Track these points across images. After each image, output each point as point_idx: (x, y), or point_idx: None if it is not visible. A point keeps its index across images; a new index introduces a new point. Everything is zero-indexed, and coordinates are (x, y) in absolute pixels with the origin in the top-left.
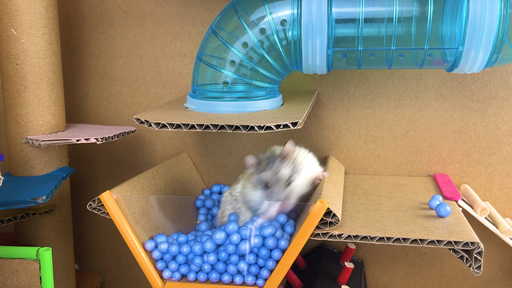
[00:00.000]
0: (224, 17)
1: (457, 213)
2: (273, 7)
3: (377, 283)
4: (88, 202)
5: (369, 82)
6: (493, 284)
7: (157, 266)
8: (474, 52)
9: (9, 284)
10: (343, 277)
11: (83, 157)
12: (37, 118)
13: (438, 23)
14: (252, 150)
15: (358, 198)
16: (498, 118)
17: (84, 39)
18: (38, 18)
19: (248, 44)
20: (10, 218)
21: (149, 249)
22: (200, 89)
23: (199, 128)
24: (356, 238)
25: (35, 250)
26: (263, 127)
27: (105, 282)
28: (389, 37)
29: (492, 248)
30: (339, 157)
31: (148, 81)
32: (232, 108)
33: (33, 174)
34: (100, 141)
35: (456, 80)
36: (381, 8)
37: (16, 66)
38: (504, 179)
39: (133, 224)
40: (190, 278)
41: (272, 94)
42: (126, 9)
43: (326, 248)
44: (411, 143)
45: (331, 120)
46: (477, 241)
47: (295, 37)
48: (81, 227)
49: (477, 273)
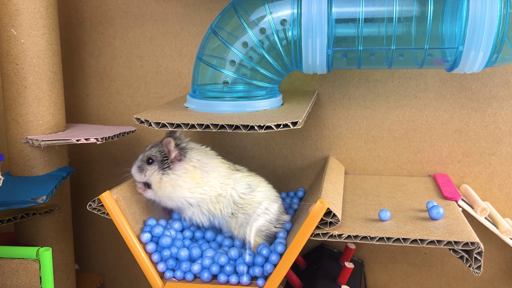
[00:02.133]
0: (224, 17)
1: (457, 213)
2: (273, 7)
3: (377, 283)
4: (88, 202)
5: (369, 82)
6: (493, 284)
7: (158, 267)
8: (474, 52)
9: (9, 284)
10: (343, 277)
11: (83, 157)
12: (37, 118)
13: (438, 23)
14: (252, 150)
15: (358, 198)
16: (498, 118)
17: (84, 39)
18: (38, 18)
19: (248, 44)
20: (10, 218)
21: (144, 241)
22: (200, 89)
23: (199, 128)
24: (356, 238)
25: (35, 250)
26: (263, 126)
27: (105, 282)
28: (389, 37)
29: (492, 248)
30: (339, 157)
31: (148, 81)
32: (232, 107)
33: (33, 174)
34: (100, 141)
35: (456, 80)
36: (381, 8)
37: (16, 66)
38: (504, 179)
39: (133, 224)
40: (190, 278)
41: (272, 94)
42: (126, 9)
43: (326, 248)
44: (411, 143)
45: (331, 120)
46: (477, 241)
47: (295, 37)
48: (81, 227)
49: (477, 273)
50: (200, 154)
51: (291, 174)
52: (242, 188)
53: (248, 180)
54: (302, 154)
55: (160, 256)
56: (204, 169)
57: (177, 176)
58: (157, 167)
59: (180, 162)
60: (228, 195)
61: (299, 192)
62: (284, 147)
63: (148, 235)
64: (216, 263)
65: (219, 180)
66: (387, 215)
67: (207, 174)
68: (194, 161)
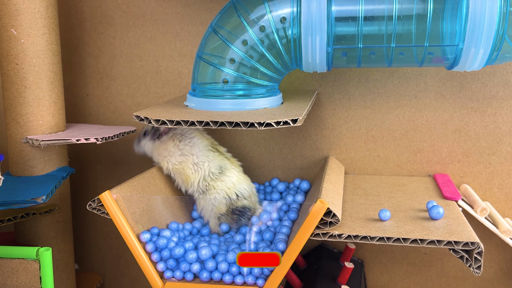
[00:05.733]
0: (224, 16)
1: (457, 213)
2: (272, 5)
3: (377, 283)
4: (88, 202)
5: (369, 82)
6: (493, 284)
7: (158, 267)
8: (474, 49)
9: (9, 284)
10: (343, 277)
11: (83, 157)
12: (37, 118)
13: (438, 21)
14: (252, 150)
15: (358, 198)
16: (498, 118)
17: (84, 39)
18: (38, 18)
19: (248, 42)
20: (10, 218)
21: (144, 240)
22: (200, 87)
23: (199, 125)
24: (356, 238)
25: (35, 250)
26: (263, 123)
27: (105, 282)
28: (389, 35)
29: (492, 248)
30: (339, 157)
31: (148, 81)
32: (232, 106)
33: (33, 174)
34: (100, 141)
35: (456, 80)
36: (381, 6)
37: (16, 66)
38: (504, 179)
39: (133, 224)
40: (190, 278)
41: (272, 92)
42: (126, 9)
43: (326, 248)
44: (411, 143)
45: (331, 120)
46: (477, 241)
47: (295, 35)
48: (81, 227)
49: (477, 273)
50: (188, 132)
51: (291, 174)
52: (213, 168)
53: (222, 163)
54: (302, 154)
55: (159, 256)
56: (186, 141)
57: (162, 143)
58: (149, 137)
59: (167, 134)
60: (204, 167)
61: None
62: (284, 147)
63: (148, 235)
64: (217, 263)
65: (199, 150)
66: (387, 215)
67: (188, 145)
68: (178, 135)
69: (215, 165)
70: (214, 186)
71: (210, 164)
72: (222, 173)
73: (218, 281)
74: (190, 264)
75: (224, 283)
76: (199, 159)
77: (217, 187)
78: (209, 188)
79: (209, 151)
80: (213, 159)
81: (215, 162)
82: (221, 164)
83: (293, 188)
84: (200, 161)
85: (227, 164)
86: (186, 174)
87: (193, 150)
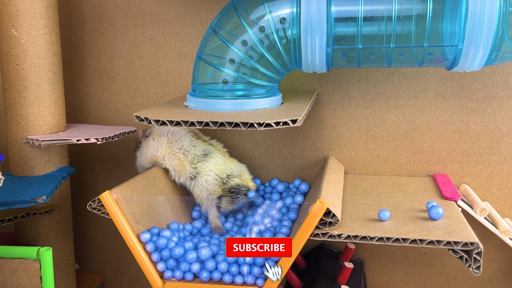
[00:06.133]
0: (224, 16)
1: (457, 213)
2: (272, 5)
3: (377, 283)
4: (88, 202)
5: (369, 82)
6: (493, 284)
7: (158, 267)
8: (473, 50)
9: (9, 284)
10: (343, 277)
11: (83, 157)
12: (37, 118)
13: (437, 21)
14: (252, 150)
15: (358, 198)
16: (498, 118)
17: (84, 39)
18: (38, 19)
19: (248, 42)
20: (10, 218)
21: (144, 240)
22: (200, 87)
23: (199, 125)
24: (356, 238)
25: (35, 250)
26: (262, 124)
27: (105, 282)
28: (388, 35)
29: (492, 248)
30: (339, 157)
31: (148, 81)
32: (232, 106)
33: (33, 174)
34: (100, 141)
35: (456, 80)
36: (381, 7)
37: (16, 66)
38: (503, 179)
39: (133, 224)
40: (190, 278)
41: (272, 93)
42: (126, 9)
43: (326, 248)
44: (411, 143)
45: (331, 120)
46: (477, 241)
47: (295, 35)
48: (81, 227)
49: (477, 273)
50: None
51: (291, 174)
52: (198, 151)
53: (206, 147)
54: (302, 154)
55: (159, 256)
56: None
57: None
58: (136, 151)
59: (147, 137)
60: (190, 152)
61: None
62: (284, 147)
63: (148, 235)
64: (217, 263)
65: (181, 136)
66: (387, 215)
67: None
68: (159, 132)
69: (199, 149)
70: (203, 167)
71: (195, 149)
72: (207, 155)
73: (218, 281)
74: (190, 264)
75: (224, 283)
76: (183, 143)
77: (205, 168)
78: (198, 171)
79: (192, 137)
80: (197, 145)
81: (199, 147)
82: (204, 148)
83: (292, 189)
84: (184, 144)
85: (211, 148)
86: (179, 158)
87: (175, 137)
